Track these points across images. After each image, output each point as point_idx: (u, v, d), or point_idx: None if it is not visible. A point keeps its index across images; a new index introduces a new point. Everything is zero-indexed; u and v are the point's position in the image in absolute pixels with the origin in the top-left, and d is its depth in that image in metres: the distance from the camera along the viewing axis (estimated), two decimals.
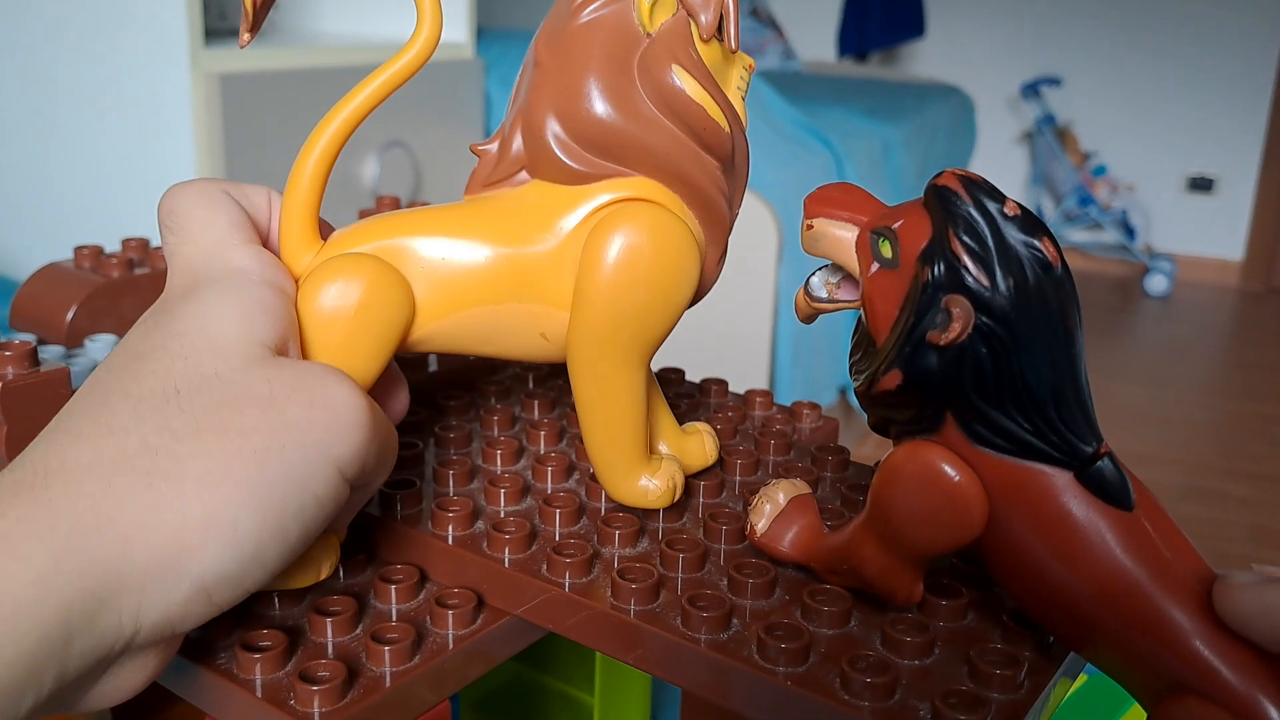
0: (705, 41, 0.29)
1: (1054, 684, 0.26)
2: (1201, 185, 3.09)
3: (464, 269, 0.30)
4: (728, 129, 0.30)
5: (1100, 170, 3.01)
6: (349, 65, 1.15)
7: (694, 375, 0.46)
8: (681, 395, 0.43)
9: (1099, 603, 0.23)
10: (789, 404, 0.42)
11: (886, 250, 0.24)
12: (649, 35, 0.29)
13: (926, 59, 3.25)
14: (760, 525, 0.29)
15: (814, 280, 0.28)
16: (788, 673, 0.26)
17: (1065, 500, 0.23)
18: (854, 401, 1.71)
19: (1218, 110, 3.04)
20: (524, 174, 0.31)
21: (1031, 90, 3.07)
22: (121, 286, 0.47)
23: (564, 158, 0.29)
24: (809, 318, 0.29)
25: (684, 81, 0.29)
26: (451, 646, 0.29)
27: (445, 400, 0.40)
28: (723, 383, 0.44)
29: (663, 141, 0.29)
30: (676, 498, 0.32)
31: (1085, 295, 2.92)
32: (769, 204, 1.35)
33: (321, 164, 0.29)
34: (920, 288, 0.23)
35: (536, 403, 0.40)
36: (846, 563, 0.27)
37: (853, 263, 0.26)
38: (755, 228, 1.36)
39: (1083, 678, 0.55)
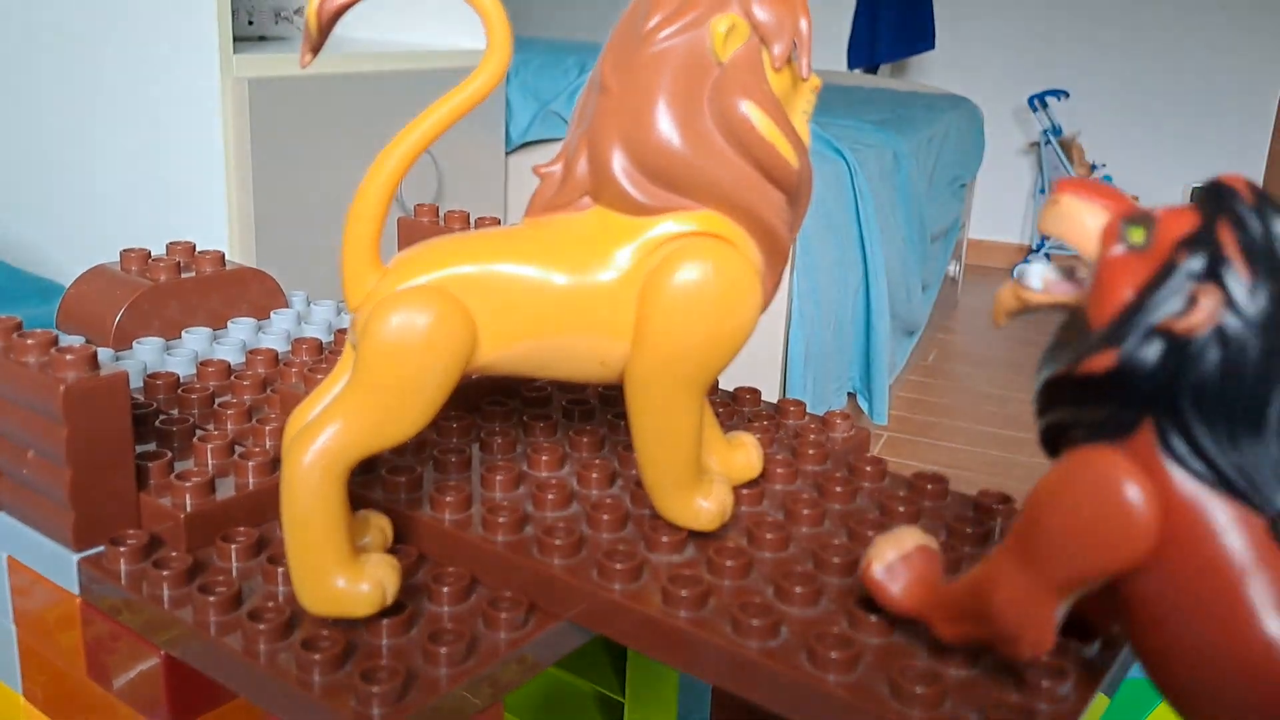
0: (777, 70, 0.29)
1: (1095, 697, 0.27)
2: None
3: (526, 300, 0.30)
4: (796, 165, 0.30)
5: (1106, 181, 3.02)
6: (377, 72, 1.16)
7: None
8: (715, 403, 0.44)
9: (1254, 683, 0.20)
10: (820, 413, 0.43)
11: (1138, 235, 0.22)
12: (720, 64, 0.29)
13: (936, 70, 3.26)
14: (878, 568, 0.28)
15: (1032, 270, 0.25)
16: (839, 681, 0.27)
17: (1251, 549, 0.21)
18: (865, 405, 1.71)
19: (1221, 125, 3.06)
20: (586, 199, 0.31)
21: (1038, 102, 3.08)
22: (168, 290, 0.48)
23: (630, 189, 0.30)
24: (1013, 314, 0.26)
25: (754, 116, 0.29)
26: (504, 650, 0.30)
27: (489, 405, 0.41)
28: (755, 391, 0.45)
29: (730, 176, 0.29)
30: (727, 519, 0.33)
31: None
32: None
33: (387, 188, 0.29)
34: (1169, 271, 0.21)
35: (578, 410, 0.41)
36: (974, 601, 0.25)
37: (1089, 246, 0.23)
38: None
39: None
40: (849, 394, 1.69)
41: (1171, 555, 0.21)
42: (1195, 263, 0.21)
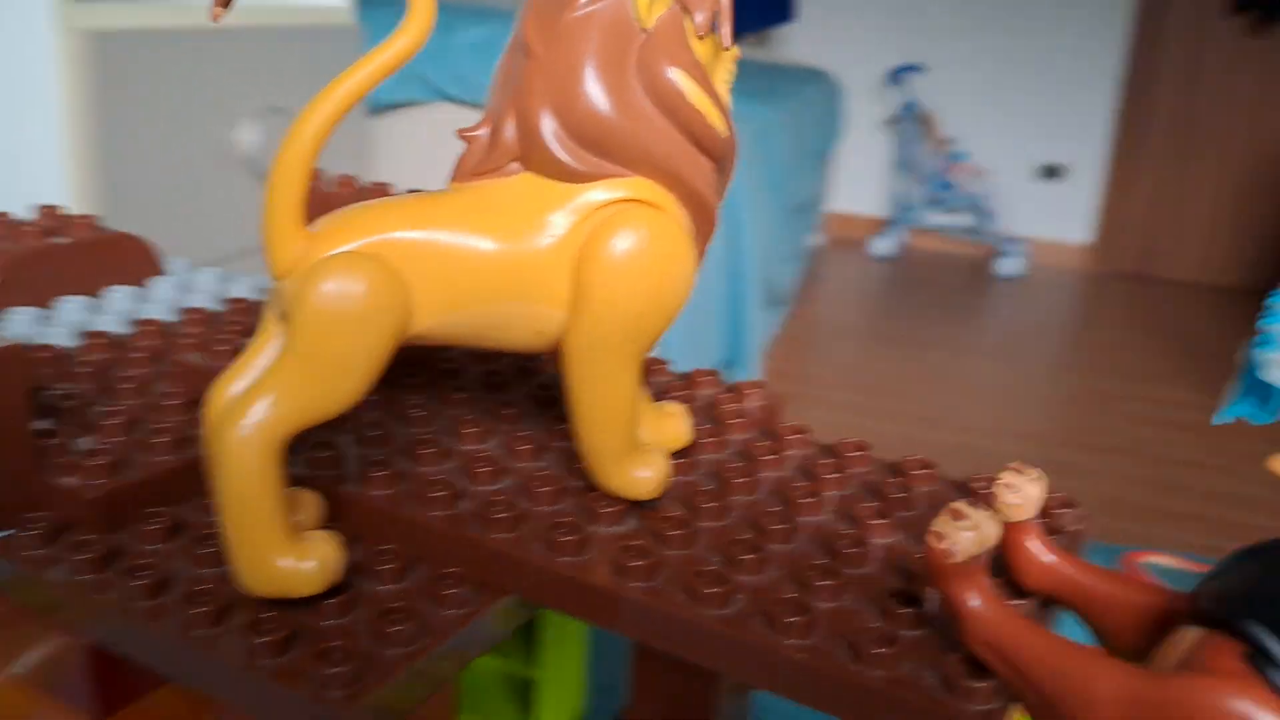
0: (700, 38, 0.30)
1: None
2: (1051, 172, 3.27)
3: (460, 267, 0.29)
4: (725, 132, 0.30)
5: (959, 156, 3.15)
6: (237, 26, 1.10)
7: None
8: None
9: None
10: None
11: None
12: (644, 30, 0.29)
13: (797, 43, 3.32)
14: (960, 556, 0.26)
15: None
16: (797, 645, 0.27)
17: None
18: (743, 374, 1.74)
19: (1068, 100, 3.22)
20: (515, 164, 0.30)
21: (897, 76, 3.18)
22: (37, 257, 0.44)
23: (562, 154, 0.29)
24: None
25: (683, 83, 0.29)
26: (455, 627, 0.29)
27: (406, 378, 0.40)
28: (661, 362, 0.45)
29: (661, 142, 0.29)
30: (666, 487, 0.33)
31: (942, 275, 3.07)
32: None
33: (310, 150, 0.28)
34: None
35: (495, 381, 0.40)
36: (1055, 686, 0.24)
37: None
38: None
39: None
40: (719, 368, 1.71)
41: None
42: None
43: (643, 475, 0.32)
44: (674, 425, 0.36)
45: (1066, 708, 0.23)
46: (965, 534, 0.25)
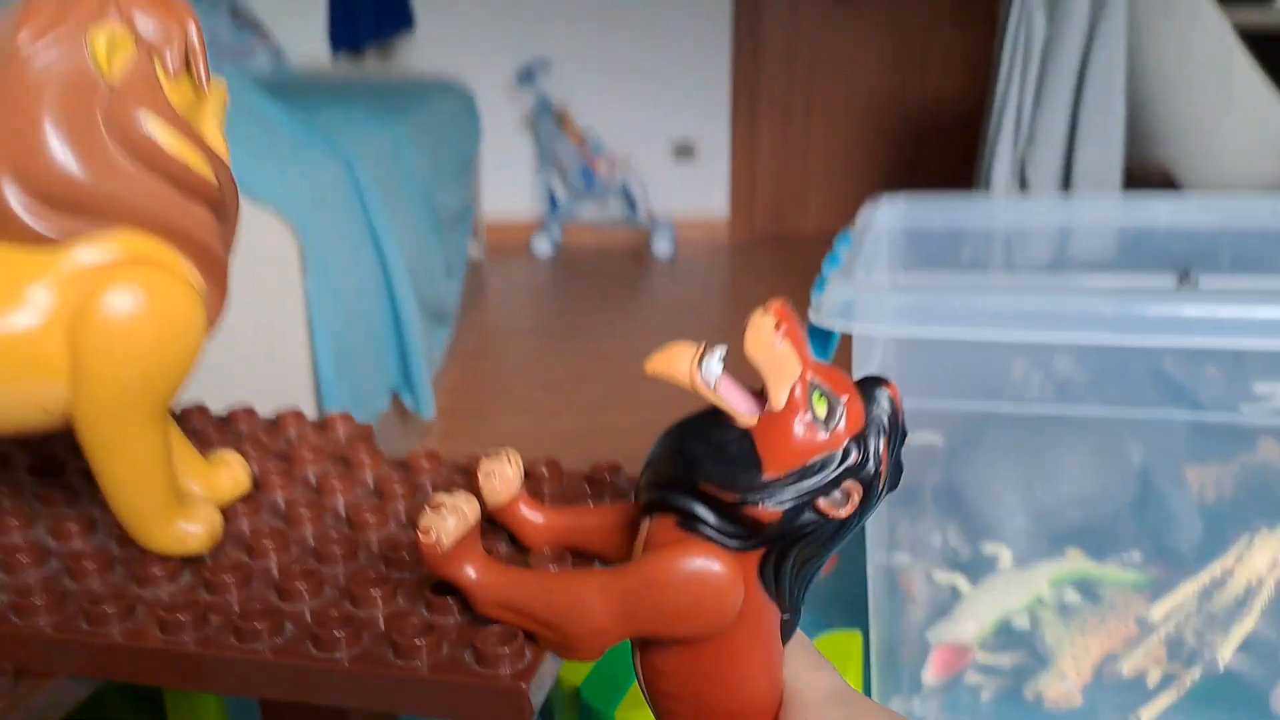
0: (172, 79, 0.29)
1: None
2: (685, 152, 3.48)
3: None
4: (213, 178, 0.30)
5: (597, 147, 3.27)
6: None
7: (235, 403, 0.45)
8: (208, 430, 0.42)
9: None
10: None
11: (820, 408, 0.25)
12: (107, 80, 0.28)
13: (423, 53, 3.31)
14: (447, 541, 0.27)
15: (713, 368, 0.25)
16: (347, 655, 0.28)
17: (770, 633, 0.27)
18: (409, 402, 1.72)
19: (691, 81, 3.43)
20: None
21: (527, 76, 3.25)
22: None
23: (29, 220, 0.28)
24: (667, 380, 0.26)
25: (157, 132, 0.28)
26: None
27: None
28: (251, 410, 0.44)
29: (144, 196, 0.28)
30: (219, 537, 0.32)
31: (602, 265, 3.19)
32: (283, 217, 1.32)
33: None
34: (838, 461, 0.25)
35: (44, 465, 0.38)
36: (547, 611, 0.27)
37: (778, 391, 0.25)
38: (272, 243, 1.32)
39: None
40: (392, 393, 1.68)
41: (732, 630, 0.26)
42: (854, 460, 0.25)
43: (191, 530, 0.32)
44: (229, 474, 0.35)
45: (573, 626, 0.27)
46: (449, 521, 0.27)
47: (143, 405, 0.29)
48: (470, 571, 0.28)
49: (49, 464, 0.38)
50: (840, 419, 0.25)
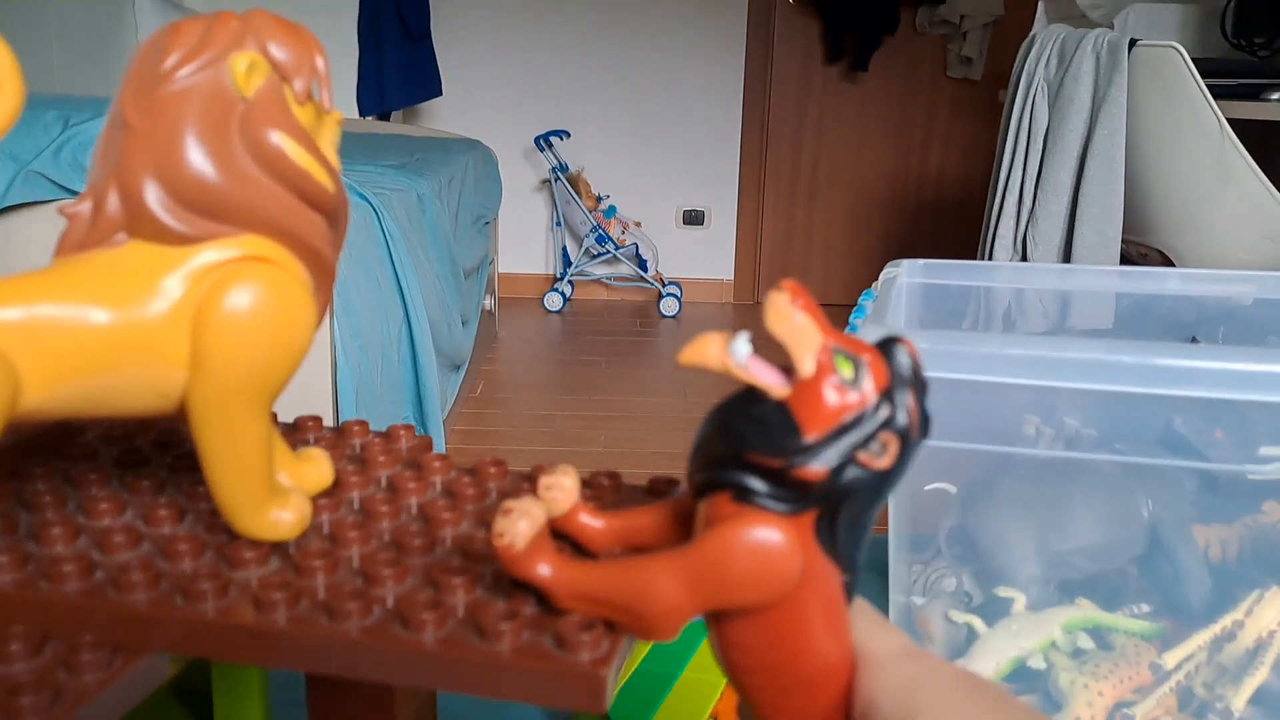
0: (300, 104, 0.32)
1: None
2: (694, 219, 3.54)
3: (71, 339, 0.30)
4: (332, 188, 0.33)
5: (611, 211, 3.34)
6: None
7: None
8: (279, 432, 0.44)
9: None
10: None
11: (846, 370, 0.27)
12: (244, 99, 0.31)
13: (447, 115, 3.39)
14: (520, 543, 0.29)
15: (741, 348, 0.27)
16: (432, 638, 0.30)
17: (832, 595, 0.29)
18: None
19: (701, 153, 3.52)
20: (121, 235, 0.31)
21: (544, 142, 3.33)
22: None
23: (169, 220, 0.30)
24: (701, 368, 0.28)
25: (286, 145, 0.31)
26: (94, 692, 0.29)
27: (30, 468, 0.39)
28: (318, 418, 0.47)
29: (269, 202, 0.31)
30: (307, 525, 0.35)
31: (613, 321, 3.23)
32: None
33: None
34: (872, 416, 0.27)
35: (131, 459, 0.40)
36: (623, 598, 0.29)
37: (805, 360, 0.27)
38: None
39: None
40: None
41: (798, 595, 0.28)
42: (887, 413, 0.27)
43: (282, 517, 0.34)
44: (315, 468, 0.37)
45: (647, 608, 0.28)
46: (520, 524, 0.29)
47: (254, 395, 0.32)
48: (545, 569, 0.30)
49: (136, 456, 0.40)
50: (866, 377, 0.27)
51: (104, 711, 0.29)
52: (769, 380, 0.27)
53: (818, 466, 0.27)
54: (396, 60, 3.04)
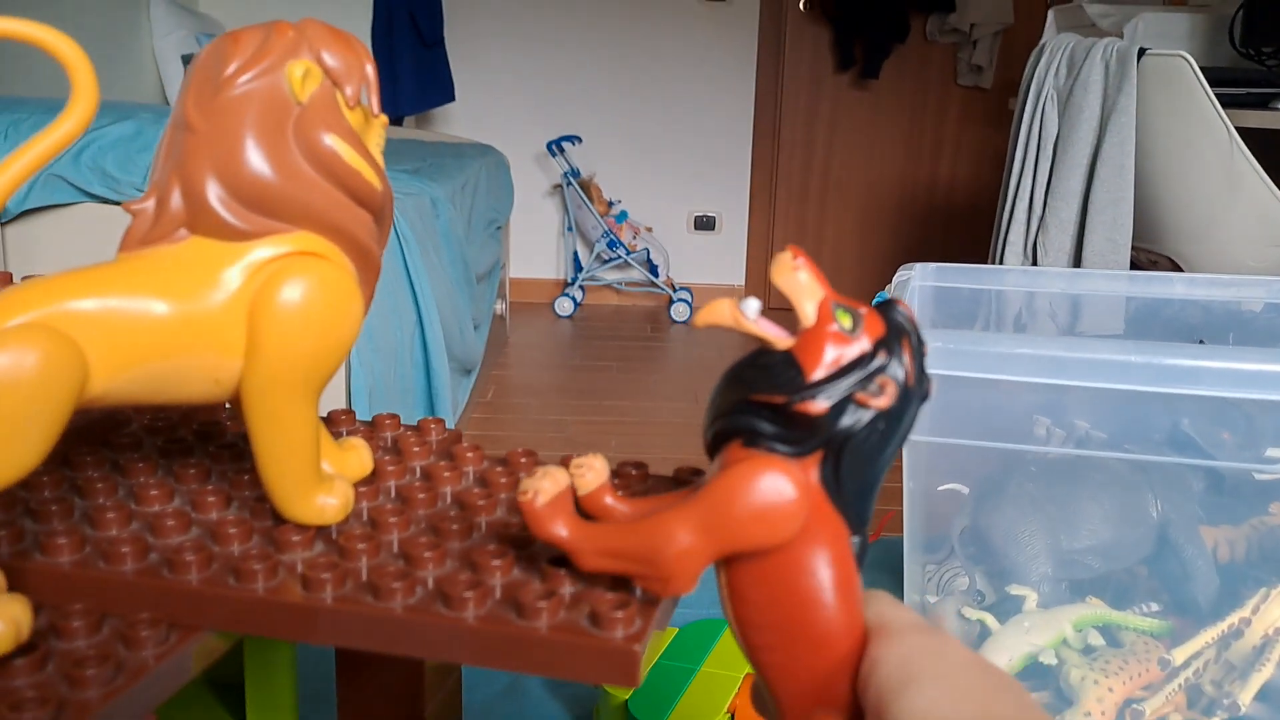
0: (351, 109, 0.34)
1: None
2: (705, 224, 3.56)
3: (135, 328, 0.31)
4: (380, 186, 0.34)
5: (622, 216, 3.35)
6: None
7: None
8: None
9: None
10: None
11: (846, 321, 0.29)
12: (300, 104, 0.33)
13: (460, 121, 3.42)
14: (541, 499, 0.31)
15: (752, 305, 0.29)
16: (473, 615, 0.31)
17: (840, 551, 0.30)
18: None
19: (712, 159, 3.54)
20: (183, 231, 0.33)
21: (556, 147, 3.35)
22: None
23: (229, 217, 0.32)
24: (716, 327, 0.30)
25: (339, 147, 0.33)
26: (152, 665, 0.31)
27: (84, 455, 0.41)
28: (350, 412, 0.48)
29: (322, 200, 0.33)
30: (350, 510, 0.36)
31: (624, 327, 3.24)
32: None
33: None
34: (870, 359, 0.29)
35: (175, 448, 0.42)
36: (639, 548, 0.30)
37: (806, 312, 0.29)
38: None
39: (674, 630, 0.65)
40: None
41: (806, 544, 0.29)
42: (884, 360, 0.29)
43: (327, 502, 0.35)
44: (356, 457, 0.39)
45: (662, 554, 0.30)
46: (544, 482, 0.31)
47: (304, 383, 0.33)
48: (563, 529, 0.31)
49: (180, 446, 0.42)
50: (864, 328, 0.30)
51: (161, 684, 0.31)
52: (775, 333, 0.29)
53: (820, 402, 0.29)
54: (410, 66, 3.07)
